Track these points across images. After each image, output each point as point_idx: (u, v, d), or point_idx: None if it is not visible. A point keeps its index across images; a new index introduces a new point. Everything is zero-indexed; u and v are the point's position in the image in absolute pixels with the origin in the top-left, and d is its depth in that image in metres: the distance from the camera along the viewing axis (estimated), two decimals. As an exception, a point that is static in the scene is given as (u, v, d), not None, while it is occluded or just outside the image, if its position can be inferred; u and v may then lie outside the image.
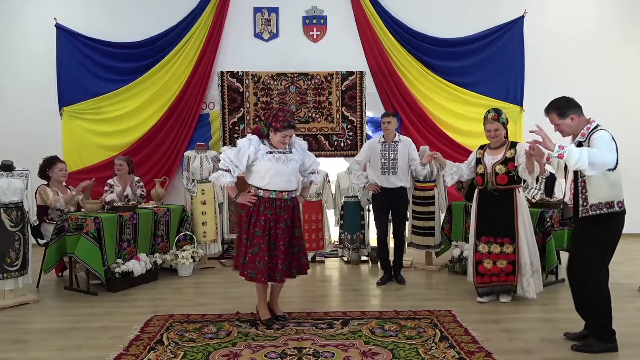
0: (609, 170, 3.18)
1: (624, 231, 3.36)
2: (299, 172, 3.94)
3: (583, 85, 7.18)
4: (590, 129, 3.26)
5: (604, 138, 3.15)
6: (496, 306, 4.24)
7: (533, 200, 5.09)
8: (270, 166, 3.73)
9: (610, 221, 3.26)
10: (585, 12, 7.46)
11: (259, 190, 3.77)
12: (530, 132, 3.31)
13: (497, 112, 4.34)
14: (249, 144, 3.76)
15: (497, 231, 4.31)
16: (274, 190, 3.75)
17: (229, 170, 3.75)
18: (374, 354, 3.24)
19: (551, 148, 3.12)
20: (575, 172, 3.28)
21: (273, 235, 3.73)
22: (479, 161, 4.44)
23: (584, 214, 3.28)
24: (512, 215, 4.27)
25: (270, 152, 3.77)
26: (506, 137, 4.40)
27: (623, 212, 3.28)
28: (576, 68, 7.25)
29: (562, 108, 3.32)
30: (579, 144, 3.26)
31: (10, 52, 7.28)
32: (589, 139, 3.22)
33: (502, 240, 4.30)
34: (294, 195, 3.87)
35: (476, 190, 4.51)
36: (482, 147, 4.52)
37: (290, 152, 3.84)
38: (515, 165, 4.24)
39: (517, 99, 7.30)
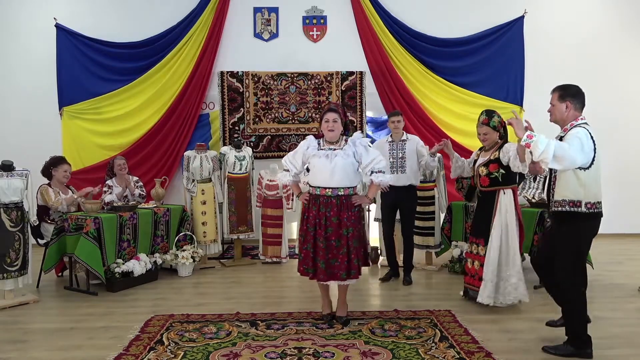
0: (582, 169, 3.09)
1: (624, 231, 3.33)
2: (357, 170, 3.81)
3: (583, 85, 7.01)
4: (574, 125, 3.19)
5: (578, 134, 3.07)
6: (496, 306, 4.24)
7: (533, 200, 5.08)
8: (314, 162, 3.76)
9: (579, 222, 3.15)
10: (586, 12, 7.46)
11: (310, 187, 3.83)
12: (508, 122, 3.30)
13: (489, 115, 4.23)
14: (305, 143, 3.86)
15: (477, 232, 4.33)
16: (317, 187, 3.76)
17: (288, 170, 3.89)
18: (374, 354, 3.24)
19: (520, 135, 3.09)
20: (551, 168, 3.18)
21: (319, 232, 3.72)
22: (474, 163, 4.46)
23: (551, 210, 3.27)
24: (490, 218, 4.15)
25: (321, 149, 3.77)
26: (502, 139, 4.29)
27: (594, 214, 3.14)
28: (576, 68, 7.21)
29: (567, 91, 3.29)
30: (560, 140, 3.18)
31: (10, 53, 7.27)
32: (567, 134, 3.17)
33: (479, 241, 4.30)
34: (341, 193, 3.71)
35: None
36: (480, 149, 4.51)
37: (342, 148, 3.74)
38: (501, 164, 4.10)
39: (517, 99, 7.31)
